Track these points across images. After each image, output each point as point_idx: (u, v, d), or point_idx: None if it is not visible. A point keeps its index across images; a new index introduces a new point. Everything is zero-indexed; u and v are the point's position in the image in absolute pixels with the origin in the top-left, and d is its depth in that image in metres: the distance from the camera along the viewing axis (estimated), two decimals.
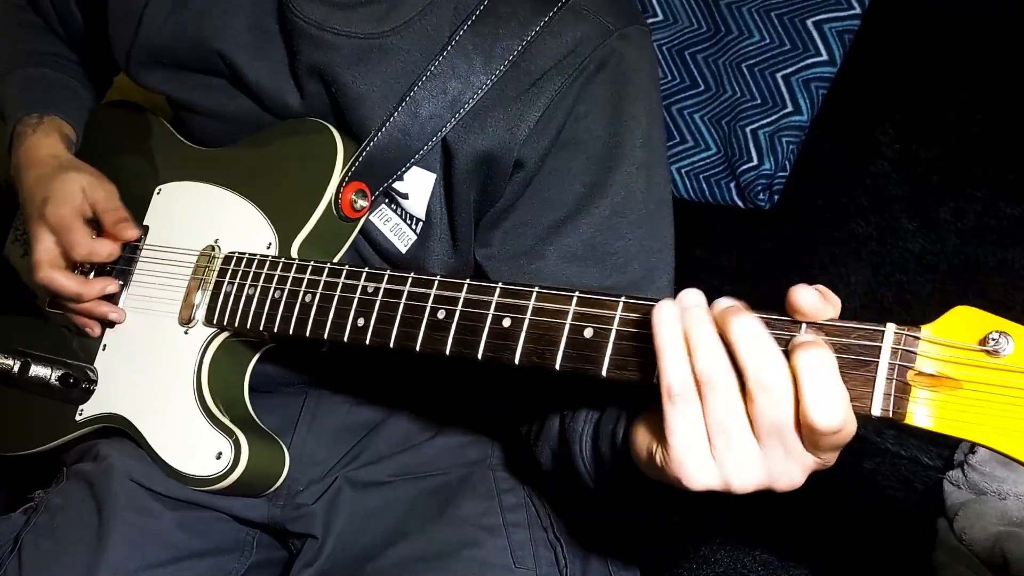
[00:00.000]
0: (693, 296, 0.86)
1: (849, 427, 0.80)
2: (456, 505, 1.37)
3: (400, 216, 1.34)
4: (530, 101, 1.23)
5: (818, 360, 0.78)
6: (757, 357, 0.80)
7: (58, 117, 1.54)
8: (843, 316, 0.85)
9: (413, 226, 1.33)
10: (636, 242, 1.25)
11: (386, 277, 1.13)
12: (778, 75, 2.17)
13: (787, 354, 0.80)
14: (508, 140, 1.24)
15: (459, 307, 1.05)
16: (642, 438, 0.96)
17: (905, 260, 2.03)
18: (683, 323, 0.84)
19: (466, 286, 1.05)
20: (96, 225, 1.42)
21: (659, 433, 0.87)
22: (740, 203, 2.25)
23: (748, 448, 0.83)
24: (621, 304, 0.94)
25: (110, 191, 1.44)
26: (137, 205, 1.49)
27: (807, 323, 0.83)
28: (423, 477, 1.42)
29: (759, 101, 2.19)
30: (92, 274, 1.45)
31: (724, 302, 0.85)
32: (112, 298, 1.43)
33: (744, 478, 0.84)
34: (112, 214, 1.41)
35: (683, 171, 2.30)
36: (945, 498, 1.75)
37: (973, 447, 1.77)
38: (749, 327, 0.81)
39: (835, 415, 0.78)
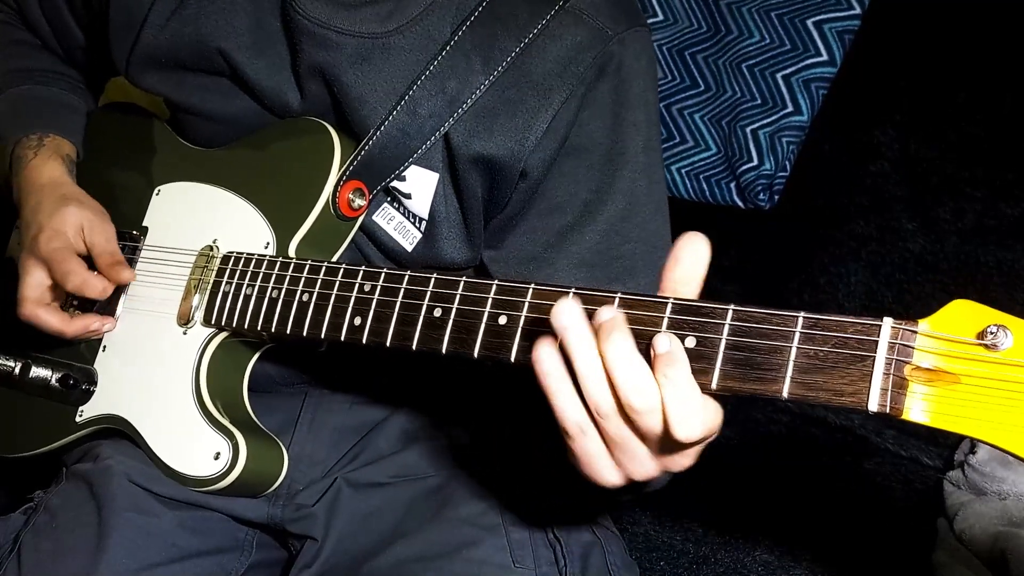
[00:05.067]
0: (570, 316, 0.87)
1: (714, 429, 0.87)
2: (455, 505, 1.37)
3: (404, 215, 1.34)
4: (536, 111, 1.24)
5: (673, 379, 0.84)
6: (627, 382, 0.85)
7: (58, 136, 1.54)
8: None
9: (418, 225, 1.33)
10: (641, 244, 1.27)
11: (383, 275, 1.13)
12: (778, 75, 2.17)
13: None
14: (516, 151, 1.25)
15: (455, 305, 1.05)
16: None
17: (905, 260, 2.04)
18: (567, 348, 0.87)
19: (462, 283, 1.05)
20: (88, 261, 1.42)
21: None
22: (740, 203, 2.25)
23: (641, 453, 0.90)
24: (617, 301, 0.93)
25: (109, 234, 1.43)
26: (136, 206, 1.49)
27: (804, 316, 0.83)
28: (423, 478, 1.42)
29: (759, 101, 2.19)
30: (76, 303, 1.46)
31: (604, 314, 0.88)
32: (112, 299, 1.43)
33: (643, 473, 0.92)
34: (108, 256, 1.41)
35: (683, 171, 2.30)
36: (945, 498, 1.75)
37: (973, 447, 1.77)
38: (620, 351, 0.85)
39: (693, 431, 0.84)
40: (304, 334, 1.19)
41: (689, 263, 0.91)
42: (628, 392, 0.85)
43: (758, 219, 2.27)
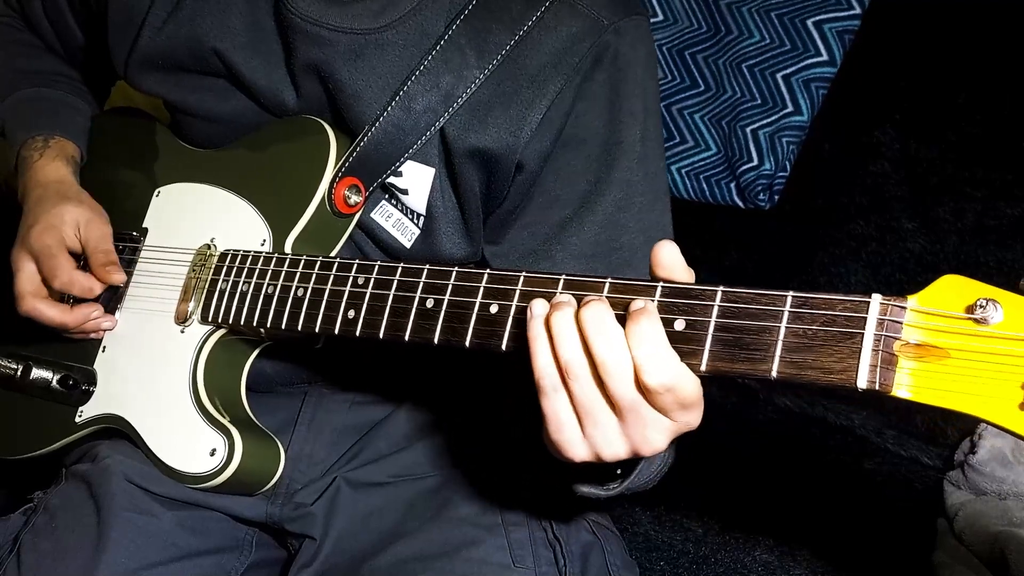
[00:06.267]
0: (561, 296, 0.93)
1: (684, 384, 0.86)
2: (455, 505, 1.36)
3: (401, 211, 1.34)
4: (530, 103, 1.24)
5: (641, 329, 0.85)
6: (600, 343, 0.86)
7: (63, 138, 1.55)
8: None
9: (415, 221, 1.33)
10: (639, 234, 1.27)
11: (376, 268, 1.13)
12: (778, 75, 2.18)
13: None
14: (511, 143, 1.25)
15: (447, 295, 1.05)
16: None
17: (905, 260, 2.04)
18: (550, 315, 0.90)
19: (454, 274, 1.05)
20: (81, 260, 1.43)
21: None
22: (740, 203, 2.25)
23: (610, 425, 0.90)
24: (607, 286, 0.93)
25: (105, 232, 1.44)
26: (137, 208, 1.50)
27: (792, 294, 0.83)
28: (422, 477, 1.42)
29: (759, 101, 2.20)
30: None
31: (590, 297, 0.90)
32: (113, 300, 1.43)
33: (611, 450, 0.92)
34: (102, 255, 1.40)
35: (683, 171, 2.30)
36: (945, 498, 1.74)
37: (974, 447, 1.76)
38: (594, 314, 0.87)
39: (662, 376, 0.85)
40: (299, 328, 1.20)
41: (674, 268, 0.92)
42: (599, 351, 0.86)
43: (758, 219, 2.27)
